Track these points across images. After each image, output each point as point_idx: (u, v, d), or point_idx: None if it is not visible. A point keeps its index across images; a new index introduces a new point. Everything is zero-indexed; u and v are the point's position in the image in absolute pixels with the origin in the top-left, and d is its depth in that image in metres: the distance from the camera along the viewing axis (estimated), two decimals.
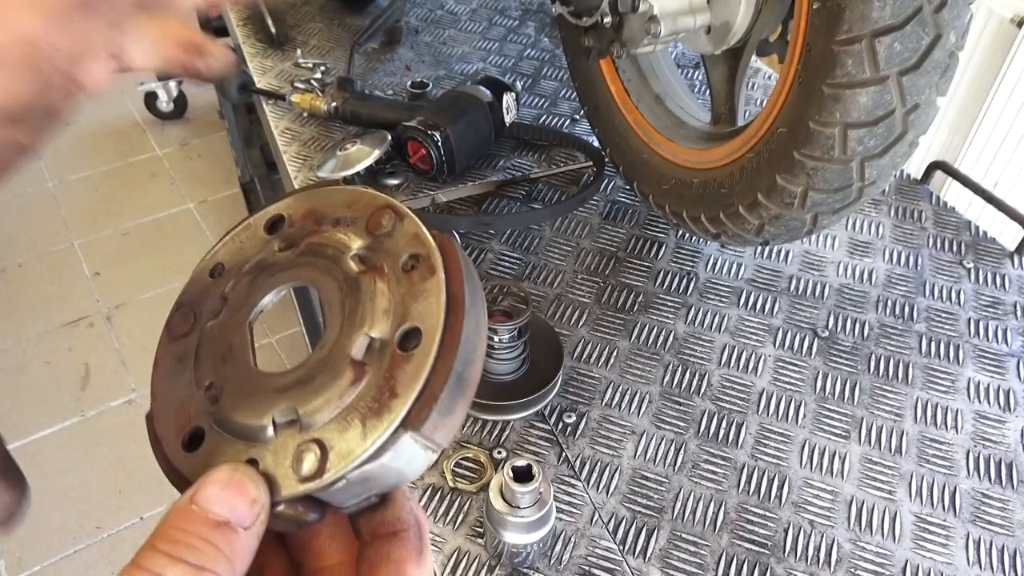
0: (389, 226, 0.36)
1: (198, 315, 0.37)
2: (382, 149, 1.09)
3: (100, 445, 2.22)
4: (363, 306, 0.34)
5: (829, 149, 0.74)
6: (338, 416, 0.32)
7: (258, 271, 0.37)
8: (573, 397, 0.86)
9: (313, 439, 0.32)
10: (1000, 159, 1.81)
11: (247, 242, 0.39)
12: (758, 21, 0.87)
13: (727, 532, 0.75)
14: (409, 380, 0.32)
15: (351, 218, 0.37)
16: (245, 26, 1.47)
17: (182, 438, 0.34)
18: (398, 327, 0.33)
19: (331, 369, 0.33)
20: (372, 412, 0.31)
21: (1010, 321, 0.97)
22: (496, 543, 0.69)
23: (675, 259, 1.04)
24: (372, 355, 0.33)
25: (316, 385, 0.32)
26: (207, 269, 0.39)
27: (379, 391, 0.32)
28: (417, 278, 0.34)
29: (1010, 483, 0.79)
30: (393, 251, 0.35)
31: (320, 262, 0.36)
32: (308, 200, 0.39)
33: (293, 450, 0.32)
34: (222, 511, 0.29)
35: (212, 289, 0.38)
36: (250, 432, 0.33)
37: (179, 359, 0.36)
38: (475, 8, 1.57)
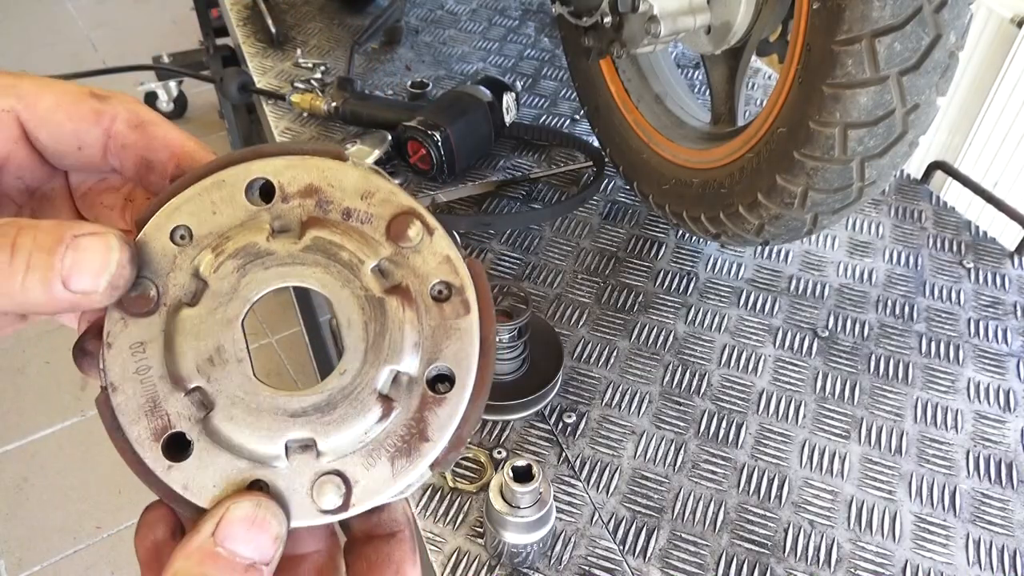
0: (417, 240, 0.33)
1: (161, 291, 0.32)
2: (382, 149, 1.09)
3: (100, 445, 2.22)
4: (391, 335, 0.32)
5: (829, 149, 0.74)
6: (362, 450, 0.31)
7: (249, 257, 0.32)
8: (573, 397, 0.86)
9: (334, 471, 0.31)
10: (1000, 159, 1.81)
11: (221, 206, 0.33)
12: (758, 21, 0.87)
13: (727, 532, 0.75)
14: (441, 425, 0.31)
15: (367, 214, 0.33)
16: (245, 26, 1.47)
17: (161, 442, 0.31)
18: (428, 364, 0.32)
19: (355, 401, 0.31)
20: (401, 453, 0.31)
21: (1010, 321, 0.97)
22: (496, 543, 0.69)
23: (675, 259, 1.04)
24: (399, 390, 0.32)
25: (338, 416, 0.31)
26: (166, 229, 0.32)
27: (408, 432, 0.31)
28: (449, 312, 0.32)
29: (1010, 483, 0.79)
30: (421, 272, 0.33)
31: (334, 268, 0.32)
32: (306, 170, 0.33)
33: (310, 478, 0.31)
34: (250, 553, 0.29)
35: (177, 260, 0.32)
36: (256, 453, 0.31)
37: (140, 344, 0.31)
38: (475, 8, 1.57)
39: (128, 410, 0.31)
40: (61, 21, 4.02)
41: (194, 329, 0.31)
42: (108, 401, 0.31)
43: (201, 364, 0.31)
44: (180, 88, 3.38)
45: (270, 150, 0.34)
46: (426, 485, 0.77)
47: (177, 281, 0.32)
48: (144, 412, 0.31)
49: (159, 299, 0.32)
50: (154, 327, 0.32)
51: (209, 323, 0.32)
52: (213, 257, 0.32)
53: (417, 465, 0.31)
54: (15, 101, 0.32)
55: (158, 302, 0.32)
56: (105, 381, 0.31)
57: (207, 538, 0.28)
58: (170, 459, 0.31)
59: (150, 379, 0.31)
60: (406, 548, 0.33)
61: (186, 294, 0.32)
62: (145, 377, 0.31)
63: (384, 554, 0.33)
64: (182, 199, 0.33)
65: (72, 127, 0.33)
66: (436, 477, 0.78)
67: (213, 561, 0.28)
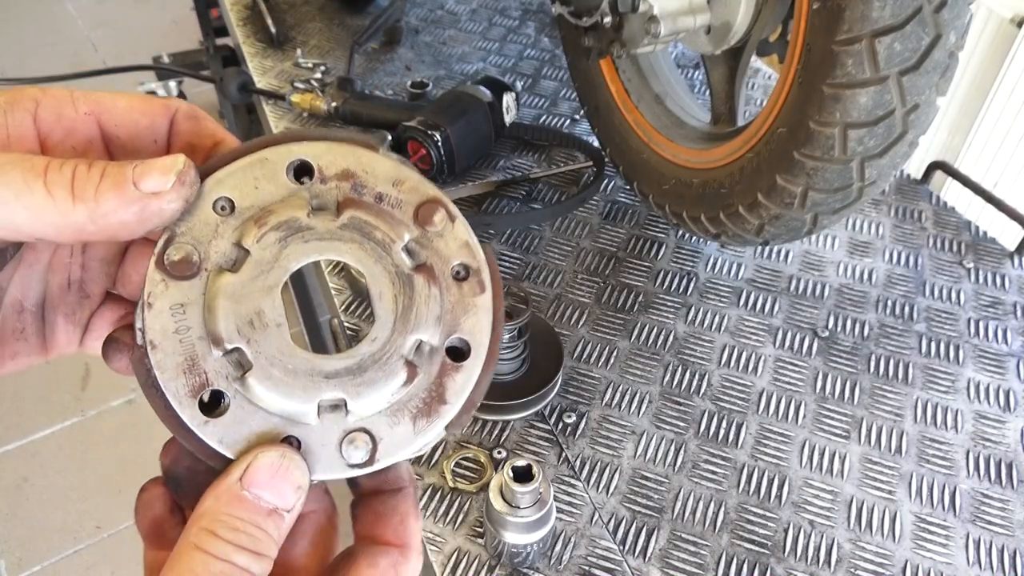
0: (441, 226, 0.36)
1: (203, 257, 0.34)
2: None
3: (100, 445, 2.22)
4: (418, 308, 0.35)
5: (829, 149, 0.74)
6: (387, 411, 0.35)
7: (289, 231, 0.34)
8: (573, 397, 0.86)
9: (361, 428, 0.34)
10: (1000, 159, 1.81)
11: (264, 182, 0.35)
12: (758, 21, 0.87)
13: (727, 532, 0.75)
14: (458, 390, 0.35)
15: (397, 199, 0.36)
16: (245, 26, 1.47)
17: (199, 399, 0.33)
18: (448, 335, 0.36)
19: (384, 366, 0.34)
20: (422, 414, 0.35)
21: (1010, 321, 0.96)
22: (496, 543, 0.69)
23: (675, 259, 1.04)
24: (422, 358, 0.35)
25: (368, 378, 0.34)
26: (209, 199, 0.34)
27: (429, 395, 0.35)
28: (468, 291, 0.36)
29: (1010, 483, 0.79)
30: (444, 254, 0.36)
31: (369, 245, 0.35)
32: (343, 156, 0.36)
33: (339, 435, 0.34)
34: (273, 499, 0.31)
35: (220, 229, 0.34)
36: (291, 412, 0.33)
37: (181, 305, 0.33)
38: (475, 8, 1.57)
39: (167, 367, 0.33)
40: (61, 21, 4.02)
41: (235, 294, 0.33)
42: (144, 359, 0.33)
43: (241, 326, 0.33)
44: (180, 88, 3.37)
45: (311, 135, 0.36)
46: (426, 485, 0.77)
47: (219, 248, 0.34)
48: (182, 370, 0.33)
49: (201, 264, 0.34)
50: (195, 290, 0.33)
51: (250, 288, 0.34)
52: (256, 228, 0.34)
53: (436, 424, 0.35)
54: (95, 106, 0.36)
55: (200, 267, 0.34)
56: (143, 340, 0.33)
57: (235, 482, 0.31)
58: (207, 415, 0.33)
59: (189, 339, 0.33)
60: (410, 502, 0.37)
61: (227, 261, 0.34)
62: (184, 337, 0.33)
63: (390, 506, 0.37)
64: (226, 172, 0.35)
65: (147, 123, 0.37)
66: (447, 472, 0.78)
67: (239, 503, 0.31)
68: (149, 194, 0.31)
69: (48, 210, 0.30)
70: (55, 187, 0.30)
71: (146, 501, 0.36)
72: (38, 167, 0.31)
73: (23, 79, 1.61)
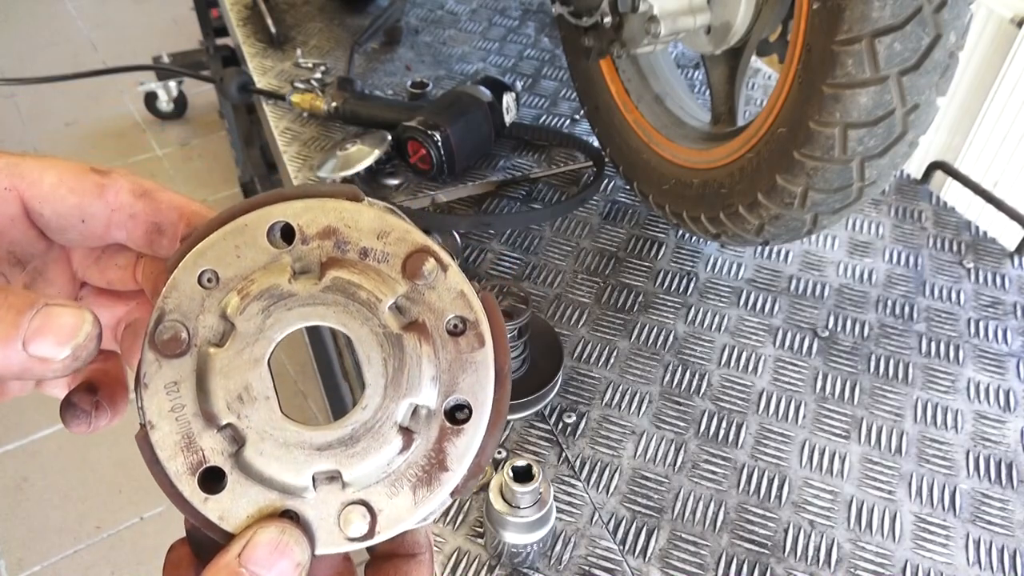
0: (431, 277, 0.34)
1: (192, 333, 0.33)
2: (382, 149, 1.09)
3: (100, 445, 2.22)
4: (410, 370, 0.33)
5: (829, 149, 0.74)
6: (385, 480, 0.33)
7: (272, 299, 0.33)
8: (573, 397, 0.86)
9: (359, 500, 0.33)
10: (1000, 159, 1.81)
11: (244, 249, 0.34)
12: (758, 21, 0.87)
13: (727, 532, 0.75)
14: (460, 455, 0.33)
15: (383, 253, 0.34)
16: (245, 26, 1.47)
17: (197, 476, 0.33)
18: (446, 396, 0.34)
19: (377, 435, 0.33)
20: (422, 483, 0.33)
21: (1010, 321, 0.97)
22: (496, 543, 0.69)
23: (675, 259, 1.04)
24: (418, 422, 0.33)
25: (361, 449, 0.33)
26: (194, 273, 0.34)
27: (428, 462, 0.33)
28: (465, 346, 0.34)
29: (1010, 483, 0.79)
30: (437, 307, 0.34)
31: (353, 307, 0.33)
32: (323, 213, 0.34)
33: (337, 508, 0.33)
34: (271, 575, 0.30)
35: (206, 303, 0.33)
36: (286, 485, 0.33)
37: (175, 383, 0.33)
38: (475, 8, 1.57)
39: (166, 446, 0.33)
40: (61, 21, 4.02)
41: (223, 369, 0.33)
42: (147, 438, 0.33)
43: (231, 402, 0.33)
44: (180, 88, 3.38)
45: (289, 194, 0.35)
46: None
47: (206, 323, 0.33)
48: (180, 448, 0.33)
49: (190, 341, 0.33)
50: (186, 367, 0.33)
51: (237, 363, 0.33)
52: (239, 299, 0.33)
53: (437, 494, 0.33)
54: (17, 180, 0.34)
55: (189, 343, 0.33)
56: (144, 419, 0.33)
57: (233, 558, 0.30)
58: (206, 491, 0.33)
59: (184, 417, 0.33)
60: (424, 570, 0.35)
61: (215, 335, 0.33)
62: (180, 415, 0.33)
63: (403, 572, 0.35)
64: (207, 244, 0.34)
65: (76, 201, 0.34)
66: None
67: None
68: (37, 357, 0.29)
69: None
70: None
71: (173, 561, 0.35)
72: None
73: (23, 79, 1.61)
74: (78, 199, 0.35)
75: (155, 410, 0.33)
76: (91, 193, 0.35)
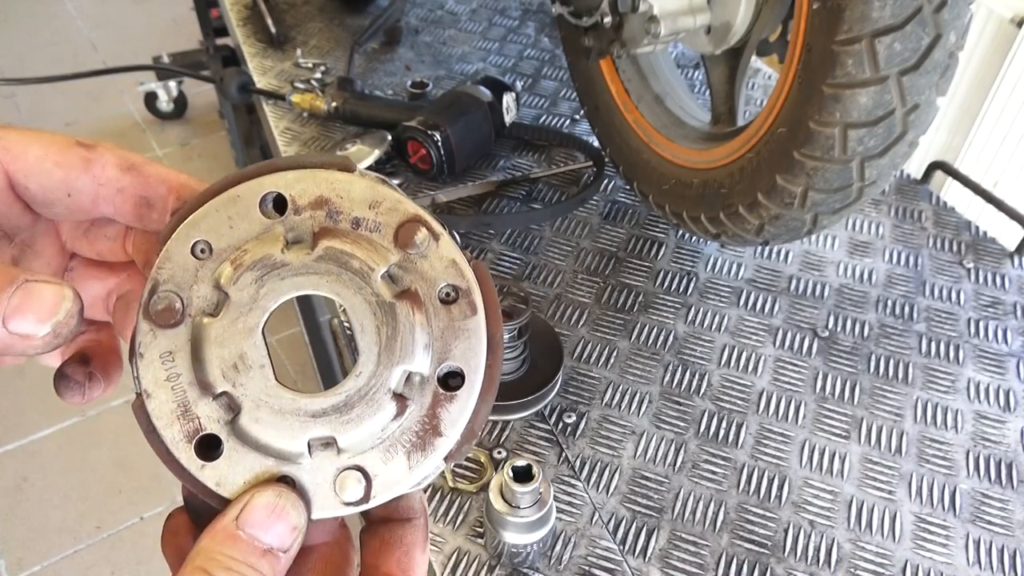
0: (423, 246, 0.34)
1: (186, 303, 0.33)
2: (382, 149, 1.09)
3: (100, 445, 2.22)
4: (403, 338, 0.33)
5: (829, 149, 0.74)
6: (380, 446, 0.33)
7: (265, 269, 0.34)
8: (573, 397, 0.86)
9: (354, 466, 0.33)
10: (1000, 159, 1.81)
11: (237, 220, 0.34)
12: (758, 21, 0.87)
13: (727, 532, 0.75)
14: (453, 420, 0.34)
15: (374, 223, 0.34)
16: (245, 26, 1.47)
17: (194, 444, 0.33)
18: (439, 363, 0.34)
19: (371, 401, 0.33)
20: (416, 448, 0.34)
21: (1010, 321, 0.97)
22: (496, 543, 0.69)
23: (675, 259, 1.04)
24: (412, 389, 0.34)
25: (355, 415, 0.33)
26: (187, 244, 0.34)
27: (422, 428, 0.34)
28: (457, 314, 0.34)
29: (1010, 483, 0.79)
30: (429, 276, 0.34)
31: (346, 276, 0.34)
32: (316, 182, 0.34)
33: (333, 473, 0.33)
34: (267, 539, 0.31)
35: (199, 273, 0.34)
36: (282, 452, 0.33)
37: (169, 353, 0.33)
38: (475, 8, 1.57)
39: (162, 415, 0.33)
40: (61, 21, 4.02)
41: (218, 338, 0.33)
42: (143, 407, 0.33)
43: (226, 370, 0.33)
44: (180, 88, 3.38)
45: (281, 164, 0.35)
46: (427, 486, 0.77)
47: (200, 293, 0.34)
48: (176, 416, 0.33)
49: (184, 311, 0.34)
50: (180, 337, 0.33)
51: (231, 332, 0.33)
52: (232, 270, 0.33)
53: (432, 458, 0.34)
54: (2, 154, 0.33)
55: (183, 313, 0.33)
56: (139, 388, 0.33)
57: (231, 521, 0.31)
58: (203, 459, 0.33)
59: (180, 385, 0.33)
60: (418, 534, 0.36)
61: (208, 305, 0.34)
62: (176, 384, 0.33)
63: (397, 536, 0.35)
64: (200, 215, 0.34)
65: (61, 175, 0.34)
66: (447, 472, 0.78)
67: (234, 542, 0.30)
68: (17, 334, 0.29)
69: None
70: None
71: (171, 528, 0.35)
72: None
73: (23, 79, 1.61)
74: (64, 173, 0.34)
75: (151, 379, 0.33)
76: (77, 167, 0.34)
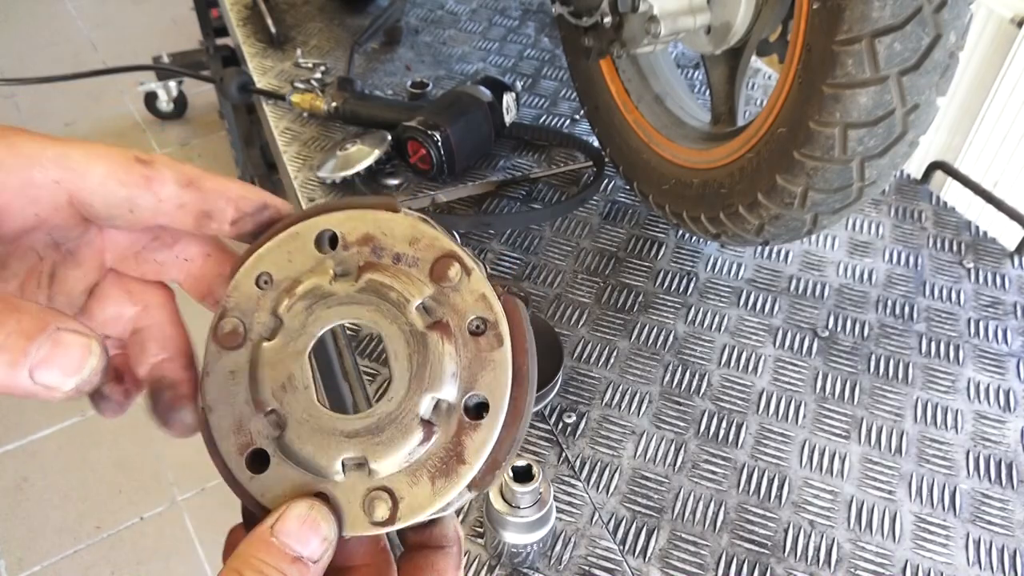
0: (456, 280, 0.36)
1: (248, 328, 0.37)
2: (382, 149, 1.09)
3: (100, 445, 2.22)
4: (432, 366, 0.35)
5: (829, 149, 0.74)
6: (407, 470, 0.35)
7: (315, 298, 0.37)
8: (573, 397, 0.86)
9: (383, 487, 0.35)
10: (1000, 159, 1.81)
11: (295, 255, 0.38)
12: (758, 21, 0.87)
13: (727, 532, 0.75)
14: (477, 449, 0.35)
15: (413, 258, 0.37)
16: (245, 26, 1.47)
17: (245, 456, 0.36)
18: (465, 393, 0.35)
19: (400, 425, 0.35)
20: (441, 473, 0.35)
21: (1010, 321, 0.96)
22: (496, 543, 0.69)
23: (675, 259, 1.04)
24: (439, 416, 0.35)
25: (385, 439, 0.35)
26: (252, 276, 0.38)
27: (447, 454, 0.35)
28: (485, 346, 0.36)
29: (1010, 483, 0.79)
30: (460, 309, 0.36)
31: (384, 306, 0.36)
32: (363, 223, 0.38)
33: (363, 493, 0.35)
34: (298, 548, 0.32)
35: (260, 302, 0.38)
36: (319, 468, 0.35)
37: (231, 372, 0.37)
38: (475, 8, 1.57)
39: (220, 428, 0.37)
40: (61, 21, 4.02)
41: (271, 360, 0.36)
42: (206, 420, 0.37)
43: (276, 390, 0.36)
44: (180, 88, 3.38)
45: (335, 205, 0.39)
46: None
47: (260, 319, 0.37)
48: (232, 430, 0.37)
49: (246, 335, 0.37)
50: (241, 358, 0.37)
51: (283, 355, 0.36)
52: (288, 299, 0.37)
53: (455, 485, 0.35)
54: (67, 173, 0.34)
55: (245, 337, 0.37)
56: (204, 403, 0.37)
57: (266, 529, 0.33)
58: (252, 471, 0.36)
59: (238, 402, 0.37)
60: (450, 562, 0.37)
61: (266, 330, 0.37)
62: (234, 401, 0.37)
63: (430, 562, 0.37)
64: (265, 250, 0.38)
65: (125, 194, 0.36)
66: None
67: (267, 548, 0.32)
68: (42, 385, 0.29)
69: None
70: None
71: (231, 542, 0.37)
72: None
73: (23, 79, 1.61)
74: (127, 192, 0.36)
75: (214, 395, 0.37)
76: (139, 185, 0.36)
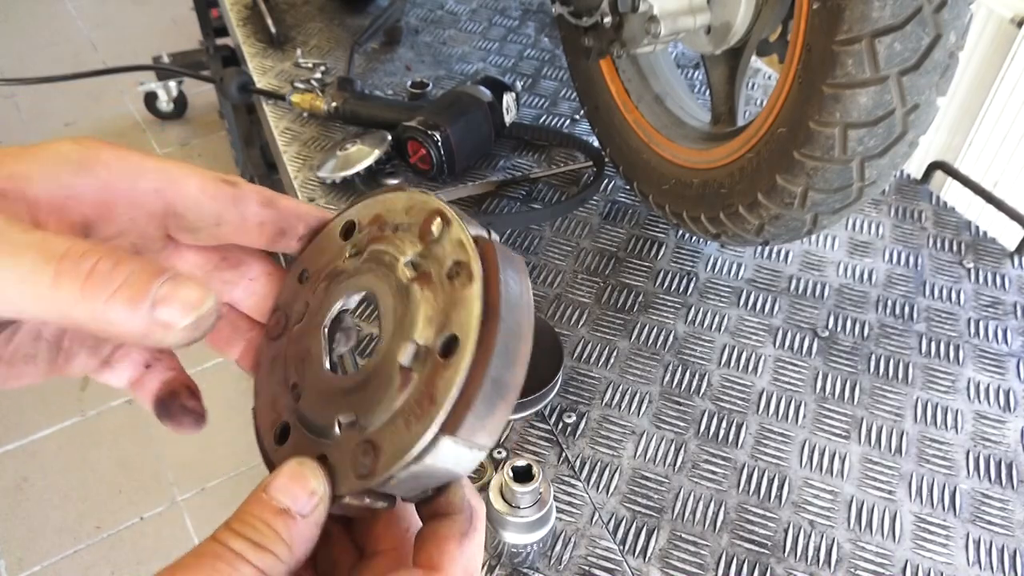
0: (438, 232, 0.37)
1: (288, 318, 0.41)
2: (382, 149, 1.09)
3: (100, 445, 2.22)
4: (412, 314, 0.35)
5: (829, 149, 0.74)
6: (389, 420, 0.34)
7: (331, 278, 0.39)
8: (573, 397, 0.86)
9: (368, 440, 0.35)
10: (1000, 159, 1.81)
11: (325, 247, 0.41)
12: (758, 21, 0.87)
13: (727, 532, 0.75)
14: (445, 388, 0.33)
15: (407, 224, 0.39)
16: (245, 26, 1.47)
17: (274, 432, 0.38)
18: (439, 334, 0.35)
19: (383, 376, 0.35)
20: (415, 417, 0.34)
21: (1010, 321, 0.96)
22: (496, 543, 0.69)
23: (675, 259, 1.04)
24: (418, 362, 0.35)
25: (370, 390, 0.35)
26: (296, 274, 0.42)
27: (421, 397, 0.34)
28: (458, 286, 0.35)
29: (1010, 483, 0.79)
30: (440, 258, 0.37)
31: (379, 269, 0.38)
32: (375, 206, 0.41)
33: (352, 449, 0.35)
34: (284, 500, 0.33)
35: (299, 293, 0.41)
36: (321, 430, 0.36)
37: (274, 359, 0.40)
38: (475, 8, 1.57)
39: (261, 407, 0.40)
40: (61, 21, 4.02)
41: (297, 339, 0.40)
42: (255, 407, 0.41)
43: (297, 365, 0.39)
44: (180, 88, 3.38)
45: (355, 200, 0.42)
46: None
47: (297, 309, 0.41)
48: (268, 408, 0.40)
49: (287, 324, 0.41)
50: (282, 345, 0.41)
51: (304, 332, 0.39)
52: (316, 285, 0.40)
53: (425, 426, 0.33)
54: (167, 184, 0.38)
55: (286, 327, 0.41)
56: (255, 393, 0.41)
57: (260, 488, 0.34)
58: (278, 443, 0.38)
59: (275, 383, 0.40)
60: (454, 527, 0.37)
61: (299, 316, 0.40)
62: (273, 382, 0.40)
63: (432, 530, 0.37)
64: (306, 252, 0.43)
65: (215, 208, 0.39)
66: None
67: (256, 502, 0.33)
68: (160, 321, 0.31)
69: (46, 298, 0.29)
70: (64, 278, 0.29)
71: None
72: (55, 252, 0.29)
73: (23, 79, 1.61)
74: (218, 207, 0.39)
75: (260, 381, 0.41)
76: (228, 201, 0.39)
